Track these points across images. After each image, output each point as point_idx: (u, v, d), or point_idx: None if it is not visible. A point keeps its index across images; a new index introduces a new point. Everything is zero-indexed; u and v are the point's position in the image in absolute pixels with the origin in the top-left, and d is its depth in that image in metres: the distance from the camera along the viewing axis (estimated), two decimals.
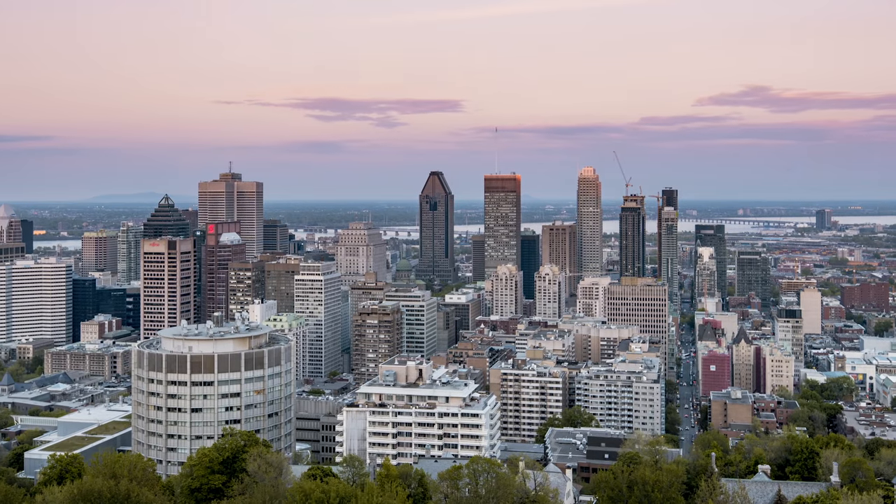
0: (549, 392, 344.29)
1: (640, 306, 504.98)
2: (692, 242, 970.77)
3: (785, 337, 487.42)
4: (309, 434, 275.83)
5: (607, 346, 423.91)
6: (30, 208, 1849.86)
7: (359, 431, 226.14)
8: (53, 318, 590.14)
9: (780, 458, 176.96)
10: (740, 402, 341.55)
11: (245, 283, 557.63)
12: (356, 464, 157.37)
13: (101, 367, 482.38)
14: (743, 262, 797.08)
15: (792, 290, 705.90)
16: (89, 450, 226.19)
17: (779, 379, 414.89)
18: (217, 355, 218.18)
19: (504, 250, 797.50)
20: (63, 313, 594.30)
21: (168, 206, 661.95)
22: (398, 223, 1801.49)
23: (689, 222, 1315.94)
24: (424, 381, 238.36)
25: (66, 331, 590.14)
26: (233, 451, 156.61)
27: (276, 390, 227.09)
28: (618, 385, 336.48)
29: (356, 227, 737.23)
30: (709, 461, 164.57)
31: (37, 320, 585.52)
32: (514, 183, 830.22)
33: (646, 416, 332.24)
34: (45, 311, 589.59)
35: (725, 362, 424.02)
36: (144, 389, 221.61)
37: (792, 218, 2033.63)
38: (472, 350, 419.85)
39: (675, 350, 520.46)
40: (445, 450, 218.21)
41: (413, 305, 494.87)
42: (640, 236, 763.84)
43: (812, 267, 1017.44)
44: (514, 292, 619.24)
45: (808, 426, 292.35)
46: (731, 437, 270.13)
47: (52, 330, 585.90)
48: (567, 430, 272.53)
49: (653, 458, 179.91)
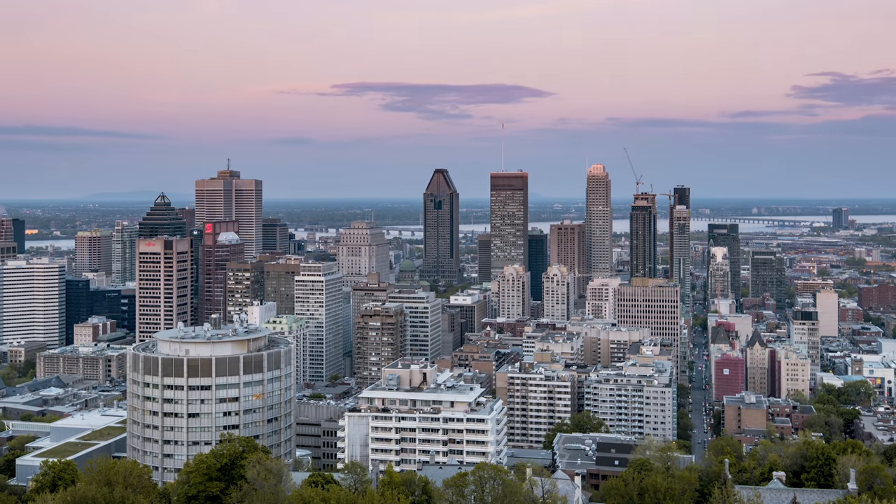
0: (558, 396, 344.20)
1: (652, 308, 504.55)
2: (705, 242, 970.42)
3: (800, 339, 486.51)
4: (309, 440, 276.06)
5: (617, 349, 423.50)
6: (21, 207, 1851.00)
7: (361, 437, 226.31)
8: (46, 321, 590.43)
9: (796, 464, 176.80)
10: (754, 407, 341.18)
11: (243, 284, 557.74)
12: (358, 470, 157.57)
13: (95, 370, 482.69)
14: (757, 262, 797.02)
15: (808, 291, 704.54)
16: (83, 456, 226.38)
17: (794, 383, 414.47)
18: (215, 359, 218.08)
19: (511, 250, 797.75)
20: (56, 315, 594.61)
21: (164, 205, 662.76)
22: (402, 222, 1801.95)
23: (702, 221, 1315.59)
24: (429, 385, 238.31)
25: (59, 333, 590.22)
26: (231, 458, 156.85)
27: (275, 395, 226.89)
28: (628, 389, 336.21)
29: (358, 227, 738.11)
30: (722, 468, 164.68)
31: (29, 322, 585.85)
32: (521, 181, 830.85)
33: (657, 422, 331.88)
34: (38, 313, 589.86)
35: (739, 366, 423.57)
36: (140, 394, 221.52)
37: (808, 217, 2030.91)
38: (477, 353, 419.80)
39: (687, 353, 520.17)
40: (450, 456, 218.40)
41: (417, 307, 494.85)
42: (651, 236, 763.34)
43: (829, 267, 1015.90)
44: (521, 293, 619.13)
45: (824, 432, 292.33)
46: (745, 442, 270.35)
47: (44, 332, 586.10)
48: (576, 436, 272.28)
49: (664, 464, 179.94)
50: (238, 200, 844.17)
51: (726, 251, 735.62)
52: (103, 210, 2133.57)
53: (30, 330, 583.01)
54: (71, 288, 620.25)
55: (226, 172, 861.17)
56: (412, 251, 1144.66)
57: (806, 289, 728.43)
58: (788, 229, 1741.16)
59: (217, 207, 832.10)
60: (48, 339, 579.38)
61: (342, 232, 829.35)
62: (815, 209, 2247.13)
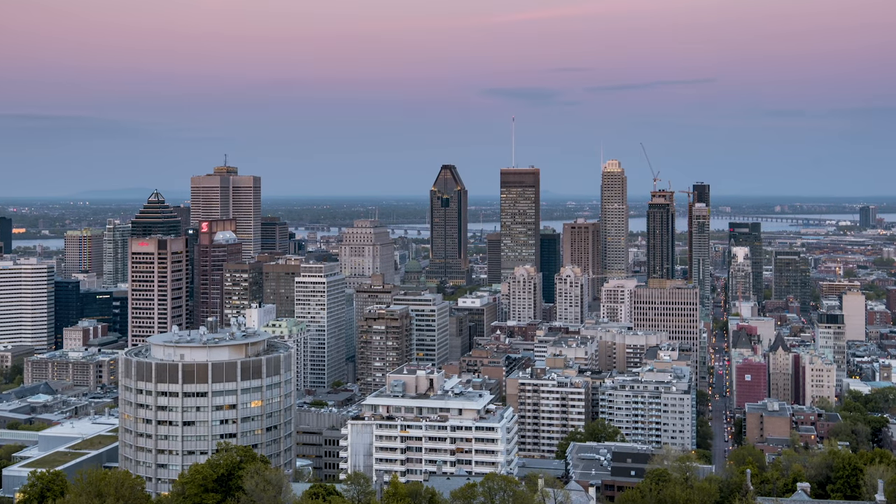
0: (571, 404, 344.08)
1: (669, 311, 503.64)
2: (725, 242, 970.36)
3: (826, 344, 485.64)
4: (311, 449, 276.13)
5: (633, 354, 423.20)
6: (8, 205, 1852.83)
7: (364, 446, 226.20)
8: (34, 324, 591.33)
9: (821, 475, 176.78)
10: (777, 415, 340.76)
11: (241, 285, 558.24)
12: (361, 481, 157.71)
13: (86, 376, 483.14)
14: (780, 262, 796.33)
15: (833, 293, 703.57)
16: (73, 466, 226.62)
17: (819, 389, 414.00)
18: (211, 364, 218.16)
19: (522, 250, 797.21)
20: (44, 318, 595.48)
21: (158, 203, 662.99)
22: (407, 221, 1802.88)
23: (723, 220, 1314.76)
24: (435, 391, 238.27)
25: (48, 337, 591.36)
26: (228, 468, 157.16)
27: (274, 402, 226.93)
28: (645, 396, 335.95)
29: (362, 225, 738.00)
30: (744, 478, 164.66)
31: (16, 326, 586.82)
32: (532, 177, 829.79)
33: (675, 430, 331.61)
34: (25, 317, 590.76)
35: (761, 371, 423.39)
36: (132, 401, 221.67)
37: (833, 215, 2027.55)
38: (487, 358, 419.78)
39: (706, 358, 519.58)
40: (458, 466, 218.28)
41: (423, 310, 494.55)
42: (669, 235, 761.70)
43: (855, 268, 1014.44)
44: (532, 295, 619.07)
45: (850, 440, 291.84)
46: (767, 452, 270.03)
47: (32, 336, 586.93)
48: (590, 445, 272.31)
49: (683, 475, 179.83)
50: (235, 198, 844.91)
51: (748, 251, 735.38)
52: (94, 208, 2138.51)
53: (17, 334, 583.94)
54: (60, 290, 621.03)
55: (223, 168, 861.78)
56: (418, 251, 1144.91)
57: (831, 291, 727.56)
58: (813, 228, 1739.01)
59: (213, 205, 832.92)
60: (36, 343, 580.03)
61: (345, 231, 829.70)
62: (842, 207, 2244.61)
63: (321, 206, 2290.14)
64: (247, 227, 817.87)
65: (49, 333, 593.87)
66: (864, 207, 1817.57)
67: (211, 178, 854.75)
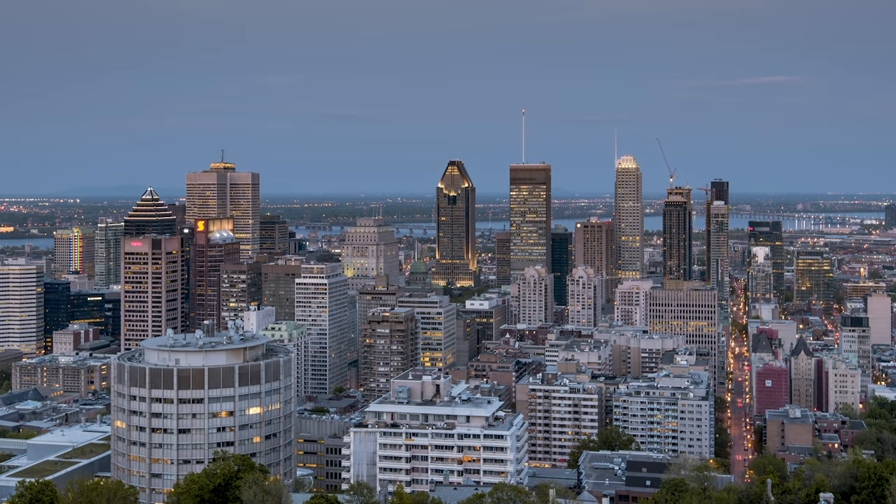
0: (584, 410, 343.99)
1: (687, 313, 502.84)
2: (745, 241, 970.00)
3: (850, 348, 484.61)
4: (312, 458, 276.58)
5: (649, 359, 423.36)
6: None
7: (368, 455, 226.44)
8: (22, 327, 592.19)
9: (845, 485, 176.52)
10: (800, 422, 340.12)
11: (239, 286, 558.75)
12: (365, 491, 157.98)
13: (77, 382, 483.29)
14: (802, 263, 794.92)
15: (858, 295, 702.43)
16: (63, 475, 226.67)
17: (843, 396, 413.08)
18: (207, 369, 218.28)
19: (532, 250, 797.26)
20: (33, 321, 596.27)
21: (152, 200, 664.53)
22: (413, 219, 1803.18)
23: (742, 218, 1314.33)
24: (442, 398, 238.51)
25: (37, 341, 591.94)
26: (225, 478, 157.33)
27: (274, 408, 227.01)
28: (661, 402, 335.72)
29: (365, 224, 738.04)
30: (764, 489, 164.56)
31: (3, 329, 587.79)
32: (543, 174, 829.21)
33: (693, 438, 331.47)
34: (13, 319, 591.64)
35: (783, 377, 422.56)
36: (125, 407, 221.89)
37: (858, 214, 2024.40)
38: (495, 363, 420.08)
39: (725, 363, 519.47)
40: (466, 476, 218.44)
41: (429, 312, 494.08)
42: (686, 234, 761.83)
43: (881, 269, 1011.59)
44: (543, 297, 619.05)
45: (876, 449, 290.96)
46: (789, 461, 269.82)
47: (20, 340, 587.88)
48: (603, 454, 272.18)
49: (701, 485, 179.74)
50: (233, 195, 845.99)
51: (768, 251, 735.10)
52: (85, 206, 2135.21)
53: (5, 337, 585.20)
54: (49, 291, 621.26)
55: (220, 165, 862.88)
56: (424, 251, 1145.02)
57: (856, 292, 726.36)
58: (837, 227, 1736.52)
59: (210, 203, 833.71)
60: (25, 347, 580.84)
61: (347, 230, 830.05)
62: (867, 205, 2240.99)
63: (322, 204, 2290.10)
64: (245, 226, 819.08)
65: (38, 337, 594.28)
66: (891, 205, 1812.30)
67: (207, 174, 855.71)
